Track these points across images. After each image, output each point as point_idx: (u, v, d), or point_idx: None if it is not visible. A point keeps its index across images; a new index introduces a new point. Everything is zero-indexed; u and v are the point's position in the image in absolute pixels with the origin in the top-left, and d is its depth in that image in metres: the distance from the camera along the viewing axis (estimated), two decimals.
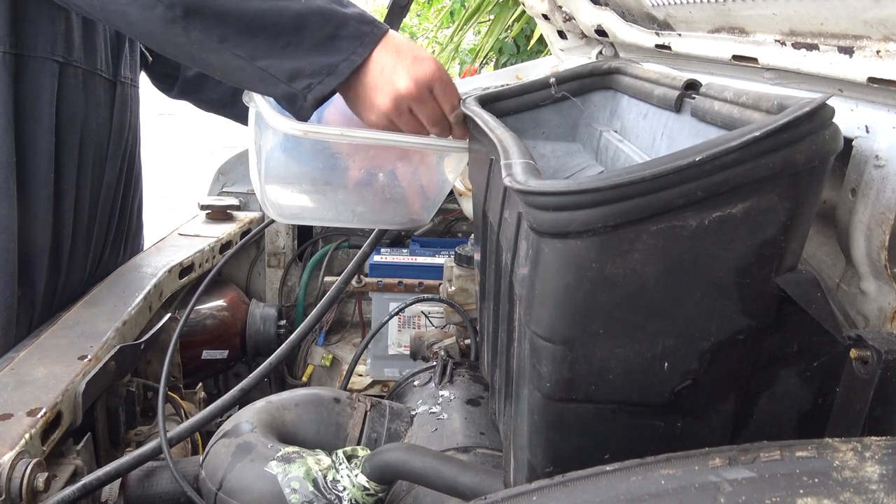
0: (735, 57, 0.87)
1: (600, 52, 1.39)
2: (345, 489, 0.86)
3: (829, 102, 0.49)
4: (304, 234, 2.21)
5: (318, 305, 1.15)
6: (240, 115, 1.54)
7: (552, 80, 1.02)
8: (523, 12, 4.37)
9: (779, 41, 0.77)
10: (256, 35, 0.86)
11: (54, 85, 1.18)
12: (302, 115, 0.90)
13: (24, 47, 1.13)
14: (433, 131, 0.96)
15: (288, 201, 1.07)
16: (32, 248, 1.20)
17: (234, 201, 2.06)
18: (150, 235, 1.72)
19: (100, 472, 0.93)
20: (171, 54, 0.92)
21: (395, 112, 0.92)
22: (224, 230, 1.88)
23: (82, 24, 1.24)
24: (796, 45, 0.74)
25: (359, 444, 1.03)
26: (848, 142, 0.65)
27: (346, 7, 0.90)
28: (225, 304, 1.87)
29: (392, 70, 0.90)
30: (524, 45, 4.80)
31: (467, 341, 1.37)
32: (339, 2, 0.90)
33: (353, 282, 1.83)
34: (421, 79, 0.91)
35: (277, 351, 1.10)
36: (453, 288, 1.41)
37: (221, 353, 1.82)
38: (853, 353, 0.53)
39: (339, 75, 0.87)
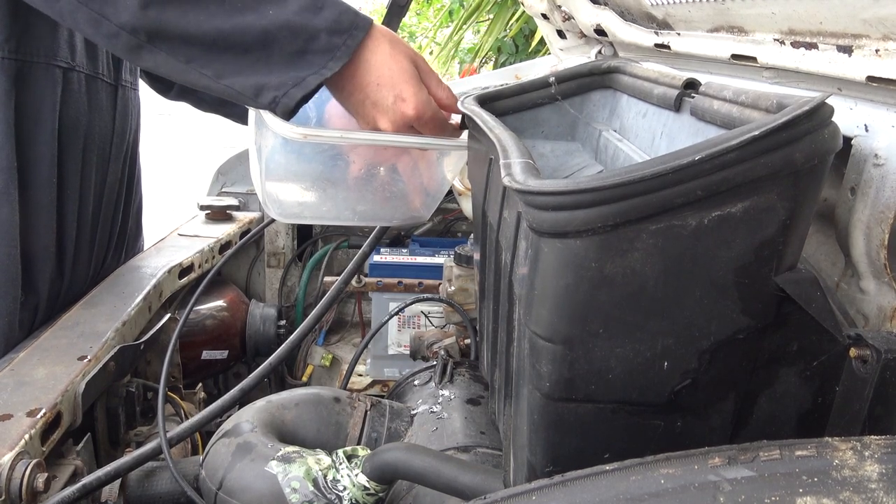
0: (734, 56, 0.87)
1: (599, 52, 1.39)
2: (345, 489, 0.86)
3: (829, 101, 0.49)
4: (303, 234, 2.21)
5: (318, 305, 1.15)
6: (240, 114, 1.54)
7: (552, 79, 1.02)
8: (522, 12, 4.37)
9: (778, 40, 0.77)
10: (223, 54, 0.85)
11: (57, 90, 1.18)
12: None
13: (26, 52, 1.12)
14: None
15: (289, 200, 1.07)
16: (36, 252, 1.20)
17: (233, 201, 2.06)
18: (149, 236, 1.72)
19: (100, 473, 0.93)
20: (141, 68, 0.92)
21: (388, 118, 0.92)
22: (224, 230, 1.87)
23: None
24: (795, 44, 0.74)
25: (359, 443, 1.03)
26: (847, 140, 0.65)
27: (321, 11, 0.85)
28: (224, 304, 1.87)
29: (373, 105, 0.90)
30: (523, 45, 4.80)
31: (467, 341, 1.37)
32: (314, 6, 0.86)
33: (353, 282, 1.84)
34: (400, 123, 0.91)
35: (277, 351, 1.10)
36: (453, 288, 1.41)
37: (221, 354, 1.82)
38: (853, 352, 0.53)
39: (306, 87, 0.85)
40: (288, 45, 0.85)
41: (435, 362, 1.25)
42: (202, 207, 2.01)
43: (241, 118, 1.14)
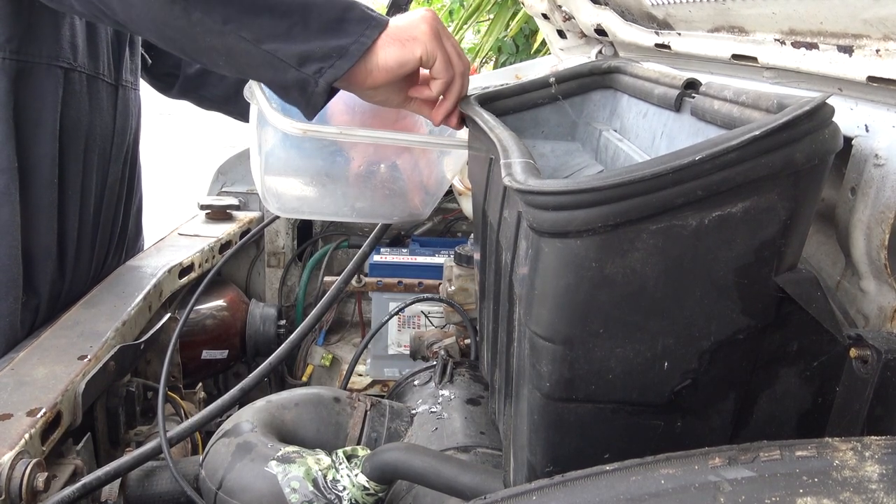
0: (735, 56, 0.87)
1: (600, 52, 1.39)
2: (345, 489, 0.86)
3: (829, 101, 0.49)
4: (303, 234, 2.21)
5: (318, 305, 1.15)
6: (242, 111, 1.53)
7: (552, 79, 1.02)
8: (523, 12, 4.37)
9: (778, 40, 0.77)
10: (261, 16, 0.84)
11: (58, 90, 1.17)
12: (314, 101, 0.88)
13: (28, 53, 1.12)
14: (461, 64, 0.93)
15: (288, 194, 1.07)
16: (37, 253, 1.20)
17: (233, 201, 2.06)
18: (149, 235, 1.72)
19: (99, 472, 0.93)
20: (172, 43, 0.89)
21: (438, 22, 0.89)
22: (224, 230, 1.87)
23: (86, 28, 1.23)
24: (796, 44, 0.74)
25: (359, 443, 1.03)
26: (848, 141, 0.65)
27: None
28: (225, 304, 1.87)
29: (409, 15, 0.89)
30: (523, 45, 4.80)
31: (467, 341, 1.37)
32: None
33: (353, 281, 1.84)
34: (433, 23, 0.89)
35: (277, 351, 1.10)
36: (453, 287, 1.41)
37: (221, 353, 1.82)
38: (853, 352, 0.53)
39: (351, 58, 0.85)
40: (327, 13, 0.85)
41: (435, 362, 1.25)
42: (202, 207, 2.01)
43: (243, 116, 1.14)
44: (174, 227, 1.90)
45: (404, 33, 0.88)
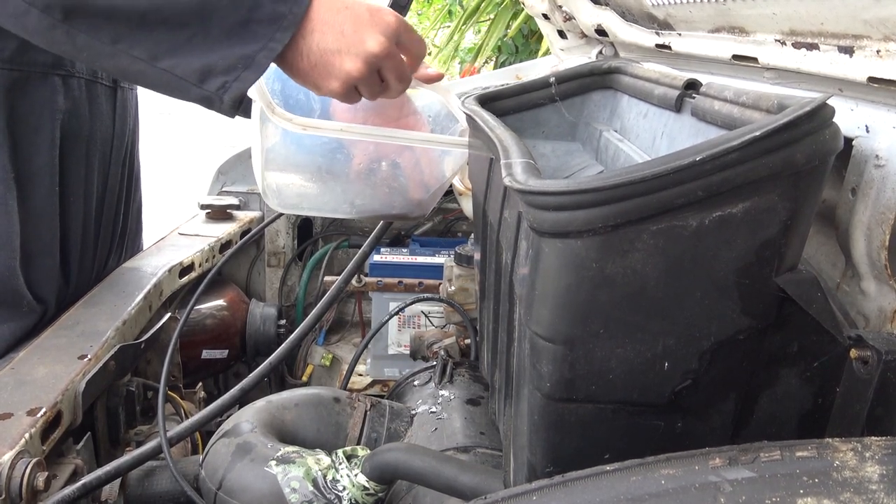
0: (735, 56, 0.87)
1: (600, 52, 1.39)
2: (344, 489, 0.86)
3: (830, 102, 0.49)
4: (304, 234, 2.21)
5: (318, 305, 1.15)
6: (245, 108, 1.53)
7: (552, 79, 1.02)
8: (523, 12, 4.37)
9: (779, 41, 0.77)
10: (154, 30, 0.73)
11: (57, 98, 1.16)
12: (224, 114, 0.81)
13: (22, 62, 1.10)
14: (400, 88, 0.88)
15: (288, 191, 1.06)
16: (40, 260, 1.19)
17: (234, 201, 2.06)
18: (149, 235, 1.72)
19: (100, 472, 0.93)
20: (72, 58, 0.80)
21: (368, 74, 0.81)
22: (224, 230, 1.87)
23: None
24: (796, 45, 0.74)
25: (359, 443, 1.03)
26: (848, 141, 0.65)
27: None
28: (225, 303, 1.87)
29: (354, 30, 0.79)
30: (523, 45, 4.80)
31: (467, 341, 1.37)
32: None
33: (353, 281, 1.83)
34: (390, 32, 0.81)
35: (277, 351, 1.10)
36: (453, 288, 1.41)
37: (221, 353, 1.82)
38: (853, 353, 0.53)
39: (258, 68, 0.76)
40: (229, 16, 0.75)
41: (435, 362, 1.25)
42: (203, 206, 2.01)
43: (245, 112, 1.13)
44: (174, 226, 1.90)
45: (330, 60, 0.79)
